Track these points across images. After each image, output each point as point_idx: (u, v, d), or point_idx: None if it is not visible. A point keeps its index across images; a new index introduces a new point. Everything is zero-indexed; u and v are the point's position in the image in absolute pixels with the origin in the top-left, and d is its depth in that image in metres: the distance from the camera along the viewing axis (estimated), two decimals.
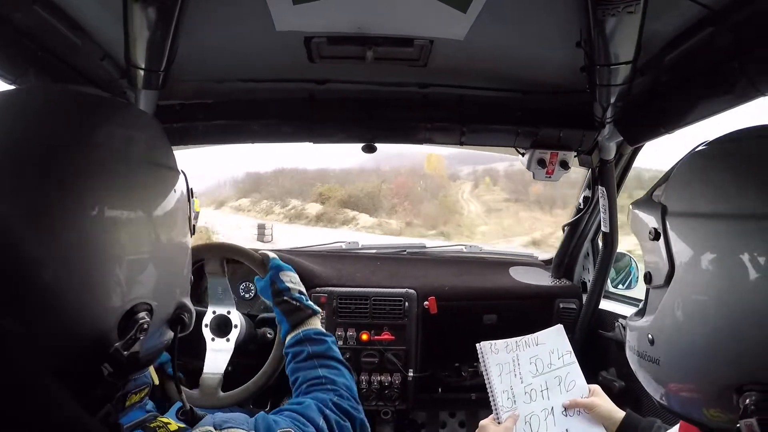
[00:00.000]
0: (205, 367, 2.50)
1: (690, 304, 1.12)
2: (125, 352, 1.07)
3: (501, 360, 2.20)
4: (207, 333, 2.56)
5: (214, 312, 2.58)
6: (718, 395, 1.05)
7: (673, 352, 1.17)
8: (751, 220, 1.04)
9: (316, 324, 2.09)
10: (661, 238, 1.19)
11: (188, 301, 1.35)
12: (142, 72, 1.94)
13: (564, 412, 2.09)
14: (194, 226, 1.41)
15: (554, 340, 2.26)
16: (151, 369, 1.40)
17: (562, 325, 2.30)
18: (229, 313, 2.59)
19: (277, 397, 3.40)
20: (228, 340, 2.56)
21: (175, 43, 1.83)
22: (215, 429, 1.29)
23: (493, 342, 2.23)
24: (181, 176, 1.32)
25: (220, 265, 2.56)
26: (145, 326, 1.11)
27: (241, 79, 2.45)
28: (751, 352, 1.02)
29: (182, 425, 1.29)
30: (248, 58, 2.29)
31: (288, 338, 2.04)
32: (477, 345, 2.22)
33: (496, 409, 2.09)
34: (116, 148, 1.14)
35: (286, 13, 1.89)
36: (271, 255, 2.29)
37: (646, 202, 1.28)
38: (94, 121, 1.13)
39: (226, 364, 2.52)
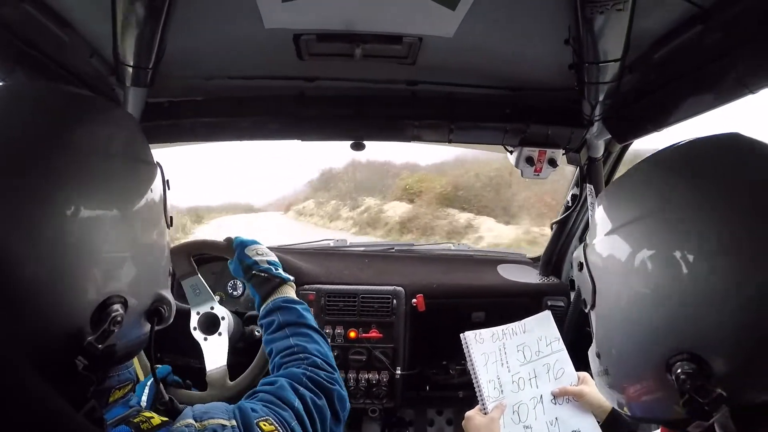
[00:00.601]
0: (207, 366, 2.51)
1: (610, 307, 1.25)
2: (99, 346, 1.07)
3: (486, 349, 2.22)
4: (198, 335, 2.57)
5: (198, 313, 2.58)
6: (667, 383, 1.09)
7: (612, 356, 1.27)
8: (631, 225, 1.20)
9: (287, 292, 2.09)
10: (583, 267, 1.34)
11: (167, 294, 1.35)
12: (130, 69, 1.94)
13: (553, 400, 2.12)
14: (171, 218, 1.42)
15: (542, 327, 2.29)
16: (137, 365, 1.41)
17: (549, 312, 2.34)
18: (212, 308, 2.59)
19: None
20: (220, 334, 2.56)
21: (164, 40, 1.83)
22: (196, 421, 1.29)
23: (478, 331, 2.25)
24: (158, 170, 1.34)
25: (188, 263, 2.57)
26: (119, 319, 1.12)
27: (230, 76, 2.45)
28: (664, 330, 1.10)
29: (164, 418, 1.29)
30: (237, 55, 2.28)
31: (261, 311, 2.04)
32: (461, 335, 2.25)
33: (482, 399, 2.12)
34: (92, 145, 1.16)
35: (274, 11, 1.88)
36: (234, 235, 2.29)
37: (580, 247, 1.41)
38: (71, 120, 1.15)
39: (226, 355, 2.55)
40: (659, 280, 1.10)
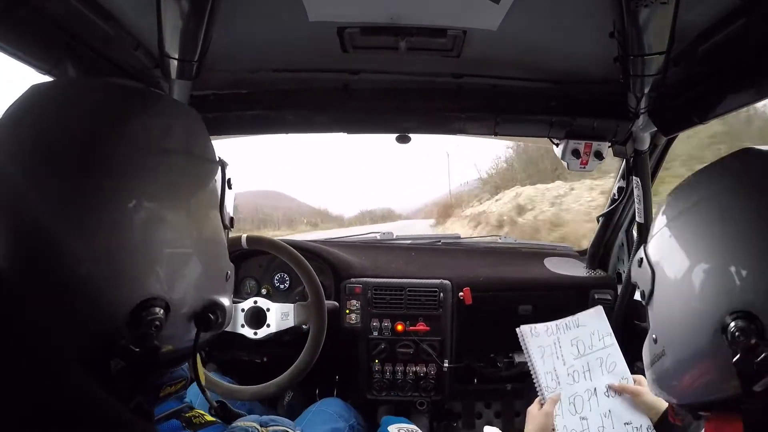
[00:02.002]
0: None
1: (668, 291, 1.26)
2: (137, 349, 1.05)
3: (542, 343, 2.26)
4: (247, 331, 2.65)
5: (243, 309, 2.66)
6: (722, 353, 1.09)
7: (669, 334, 1.27)
8: (686, 214, 1.23)
9: None
10: (644, 259, 1.34)
11: (223, 299, 1.32)
12: (175, 62, 1.96)
13: (607, 393, 2.16)
14: (232, 219, 1.38)
15: (595, 322, 2.32)
16: (199, 364, 1.42)
17: (601, 307, 2.36)
18: (256, 302, 2.67)
19: (323, 386, 3.48)
20: (269, 326, 2.62)
21: (209, 32, 1.85)
22: (261, 426, 1.32)
23: (533, 326, 2.30)
24: (219, 168, 1.32)
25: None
26: (158, 323, 1.09)
27: (274, 69, 2.47)
28: (719, 295, 1.12)
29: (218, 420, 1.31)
30: (282, 48, 2.29)
31: None
32: (517, 329, 2.30)
33: (540, 390, 2.16)
34: (153, 141, 1.15)
35: (318, 3, 1.90)
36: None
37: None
38: (129, 115, 1.14)
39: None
40: (711, 265, 1.14)
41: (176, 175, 1.18)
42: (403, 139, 2.93)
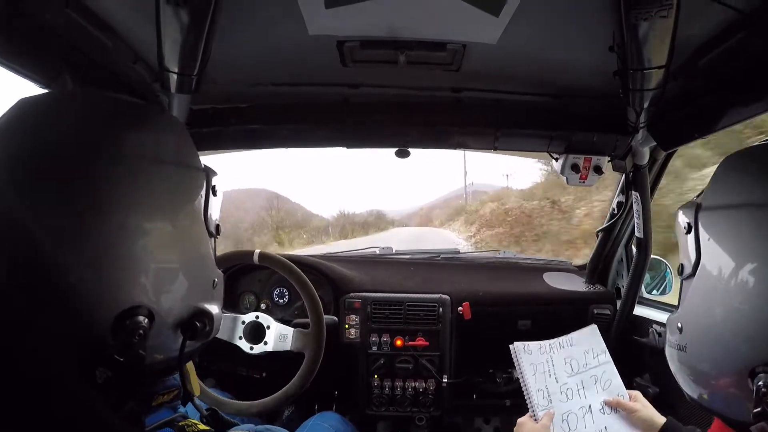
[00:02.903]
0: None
1: (711, 290, 1.18)
2: (120, 358, 1.04)
3: (534, 360, 2.24)
4: (244, 344, 2.69)
5: (243, 322, 2.70)
6: (745, 387, 1.06)
7: (696, 337, 1.22)
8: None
9: None
10: (692, 231, 1.25)
11: (211, 307, 1.30)
12: (175, 76, 1.95)
13: (602, 410, 2.12)
14: (218, 226, 1.38)
15: (589, 340, 2.30)
16: (193, 374, 1.41)
17: (596, 325, 2.34)
18: (257, 318, 2.71)
19: (322, 400, 3.47)
20: (266, 343, 2.63)
21: (209, 46, 1.84)
22: None
23: (526, 343, 2.28)
24: (204, 175, 1.31)
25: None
26: (141, 331, 1.08)
27: (274, 83, 2.46)
28: (761, 336, 1.05)
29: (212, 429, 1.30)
30: (281, 62, 2.29)
31: None
32: (510, 346, 2.28)
33: (532, 407, 2.14)
34: (140, 153, 1.14)
35: (318, 17, 1.89)
36: None
37: (688, 204, 1.31)
38: (120, 127, 1.15)
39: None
40: None
41: (163, 185, 1.19)
42: (403, 154, 2.92)
